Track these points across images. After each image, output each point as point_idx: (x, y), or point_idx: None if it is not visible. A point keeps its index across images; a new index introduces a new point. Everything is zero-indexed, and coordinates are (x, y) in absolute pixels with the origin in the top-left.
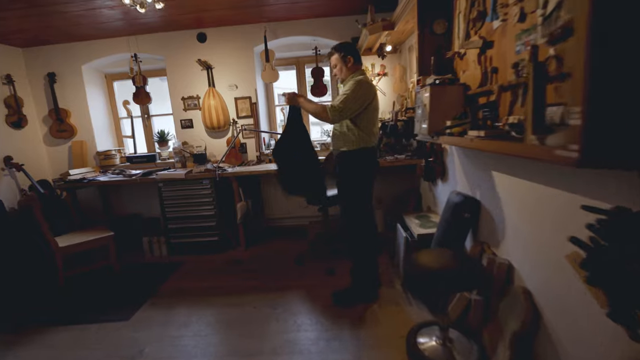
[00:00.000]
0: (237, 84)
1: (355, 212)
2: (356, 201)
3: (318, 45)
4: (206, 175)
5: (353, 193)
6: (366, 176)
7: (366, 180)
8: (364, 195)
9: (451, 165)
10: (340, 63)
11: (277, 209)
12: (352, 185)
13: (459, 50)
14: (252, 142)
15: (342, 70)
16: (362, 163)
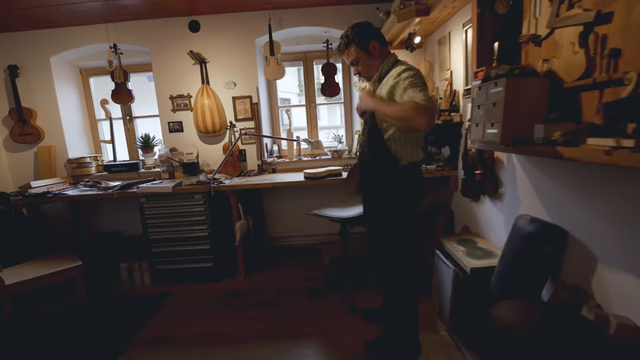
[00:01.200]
0: (235, 81)
1: (398, 245)
2: (400, 232)
3: (330, 38)
4: (199, 188)
5: (397, 222)
6: (415, 200)
7: (414, 206)
8: (409, 224)
9: (509, 180)
10: (362, 55)
11: (281, 226)
12: (397, 212)
13: (537, 33)
14: (252, 148)
15: (368, 64)
16: (412, 183)
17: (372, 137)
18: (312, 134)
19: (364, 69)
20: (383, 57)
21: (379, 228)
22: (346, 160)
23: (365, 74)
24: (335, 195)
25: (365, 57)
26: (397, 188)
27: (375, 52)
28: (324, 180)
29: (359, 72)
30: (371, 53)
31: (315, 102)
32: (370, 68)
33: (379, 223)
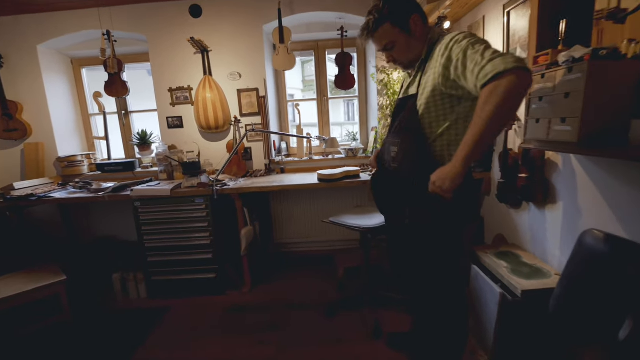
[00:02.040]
0: (240, 71)
1: (448, 268)
2: (452, 253)
3: (345, 25)
4: (200, 191)
5: (450, 240)
6: (471, 214)
7: (469, 221)
8: (462, 243)
9: (567, 187)
10: (400, 36)
11: (289, 232)
12: (451, 228)
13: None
14: (258, 146)
15: (408, 46)
16: (470, 193)
17: (414, 147)
18: (323, 131)
19: (402, 54)
20: (426, 35)
21: (424, 248)
22: (361, 160)
23: (404, 60)
24: (350, 198)
25: (404, 38)
26: (452, 202)
27: (417, 30)
28: (340, 183)
29: (394, 59)
30: (412, 32)
31: (327, 96)
32: (410, 52)
33: (425, 242)
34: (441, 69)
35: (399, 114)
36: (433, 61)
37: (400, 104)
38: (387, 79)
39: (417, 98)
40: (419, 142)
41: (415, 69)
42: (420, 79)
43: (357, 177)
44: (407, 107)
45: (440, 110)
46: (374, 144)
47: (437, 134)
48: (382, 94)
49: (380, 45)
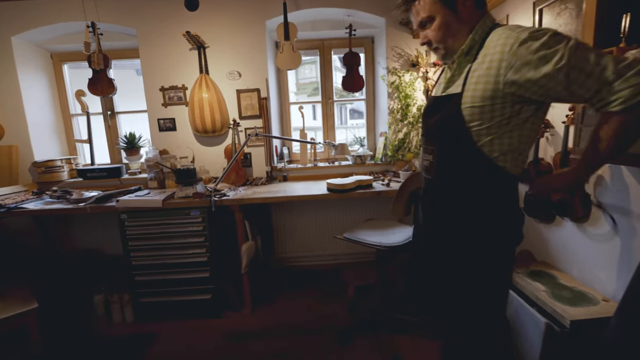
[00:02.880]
0: (240, 70)
1: (491, 301)
2: (498, 283)
3: (353, 23)
4: (196, 202)
5: (497, 267)
6: (519, 232)
7: (518, 240)
8: (510, 269)
9: (616, 202)
10: (443, 13)
11: (292, 245)
12: (499, 251)
13: None
14: (258, 151)
15: (450, 28)
16: (516, 207)
17: (454, 156)
18: (328, 135)
19: (439, 36)
20: (474, 21)
21: (465, 277)
22: (370, 167)
23: (440, 43)
24: (358, 210)
25: (449, 17)
26: (500, 218)
27: (464, 11)
28: (353, 193)
29: (429, 40)
30: (459, 12)
31: (333, 98)
32: (449, 35)
33: (467, 269)
34: (497, 64)
35: (434, 116)
36: (489, 55)
37: (435, 103)
38: (399, 81)
39: (461, 97)
40: (461, 150)
41: (457, 62)
42: (466, 75)
43: (369, 187)
44: (447, 108)
45: (497, 112)
46: (384, 150)
47: (485, 141)
48: (393, 97)
49: (417, 18)
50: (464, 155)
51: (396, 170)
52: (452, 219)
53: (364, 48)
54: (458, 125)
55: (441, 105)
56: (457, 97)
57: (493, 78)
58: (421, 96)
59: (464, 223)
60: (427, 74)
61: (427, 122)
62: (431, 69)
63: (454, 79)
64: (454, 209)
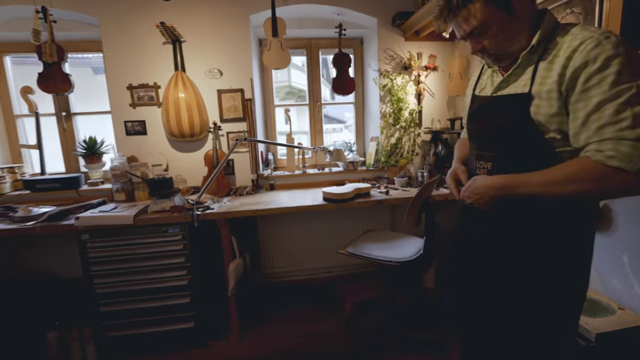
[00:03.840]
0: (221, 68)
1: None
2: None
3: (343, 22)
4: (174, 217)
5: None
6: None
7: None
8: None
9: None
10: (498, 17)
11: (281, 259)
12: (576, 276)
13: None
14: (242, 158)
15: (507, 32)
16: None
17: (522, 161)
18: (315, 140)
19: (498, 42)
20: (531, 16)
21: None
22: (362, 174)
23: (500, 49)
24: (354, 219)
25: (503, 20)
26: (581, 231)
27: (520, 10)
28: (352, 203)
29: (483, 48)
30: (514, 11)
31: (321, 101)
32: (509, 39)
33: (546, 292)
34: (572, 74)
35: (491, 118)
36: (559, 58)
37: (491, 104)
38: (391, 84)
39: (529, 98)
40: (533, 156)
41: (521, 59)
42: (533, 74)
43: (368, 196)
44: (510, 109)
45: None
46: (375, 155)
47: (561, 145)
48: (385, 100)
49: (467, 28)
50: (537, 162)
51: (389, 176)
52: (526, 235)
53: (353, 49)
54: (525, 126)
55: (500, 105)
56: (523, 97)
57: (558, 80)
58: (413, 100)
59: (543, 238)
60: (419, 77)
61: (482, 125)
62: (423, 72)
63: (515, 77)
64: (528, 223)
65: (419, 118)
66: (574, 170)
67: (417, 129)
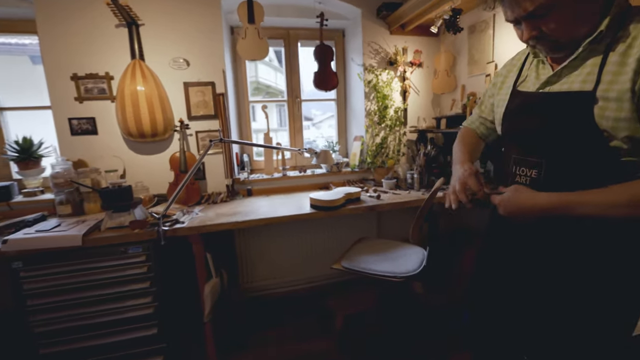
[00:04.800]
0: (188, 58)
1: None
2: None
3: (325, 11)
4: (136, 235)
5: None
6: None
7: None
8: None
9: None
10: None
11: (261, 272)
12: None
13: None
14: (215, 160)
15: (574, 11)
16: None
17: (581, 171)
18: (295, 140)
19: (561, 26)
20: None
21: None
22: (347, 176)
23: (562, 35)
24: (338, 225)
25: (573, 1)
26: None
27: None
28: (343, 210)
29: (542, 34)
30: None
31: (300, 97)
32: (575, 23)
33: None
34: None
35: (538, 118)
36: (635, 50)
37: (539, 101)
38: (376, 80)
39: (592, 98)
40: (596, 168)
41: (582, 49)
42: (600, 69)
43: (358, 201)
44: (567, 110)
45: None
46: (360, 156)
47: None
48: (370, 97)
49: (525, 8)
50: (596, 172)
51: (376, 178)
52: (587, 246)
53: (334, 42)
54: (590, 133)
55: (552, 104)
56: (584, 96)
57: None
58: (398, 97)
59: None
60: (404, 73)
61: (526, 125)
62: (409, 68)
63: (566, 71)
64: (590, 233)
65: (405, 116)
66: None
67: (403, 128)
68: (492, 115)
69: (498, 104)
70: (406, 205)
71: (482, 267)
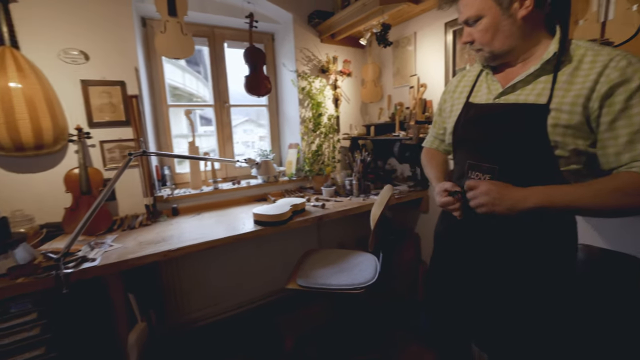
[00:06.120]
0: (86, 50)
1: None
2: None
3: (254, 12)
4: (20, 287)
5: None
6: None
7: None
8: None
9: None
10: (493, 12)
11: (194, 302)
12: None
13: (607, 38)
14: (128, 176)
15: (497, 27)
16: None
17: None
18: (224, 150)
19: (488, 38)
20: (533, 26)
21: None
22: (284, 185)
23: (488, 46)
24: (277, 237)
25: (498, 17)
26: (570, 245)
27: (522, 12)
28: (292, 223)
29: (474, 40)
30: (512, 12)
31: (229, 102)
32: (496, 38)
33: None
34: (596, 97)
35: (493, 127)
36: (580, 72)
37: (493, 111)
38: (309, 87)
39: (546, 110)
40: (539, 174)
41: (539, 67)
42: (553, 85)
43: (304, 212)
44: (520, 120)
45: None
46: (297, 164)
47: (571, 168)
48: (304, 104)
49: (461, 15)
50: (540, 180)
51: (315, 186)
52: (521, 245)
53: (264, 45)
54: (540, 141)
55: (508, 113)
56: (540, 108)
57: (582, 96)
58: (331, 105)
59: (537, 248)
60: (336, 82)
61: (481, 133)
62: (340, 77)
63: (521, 84)
64: (525, 236)
65: (337, 124)
66: (624, 185)
67: (336, 135)
68: None
69: (450, 116)
70: (350, 213)
71: (436, 269)
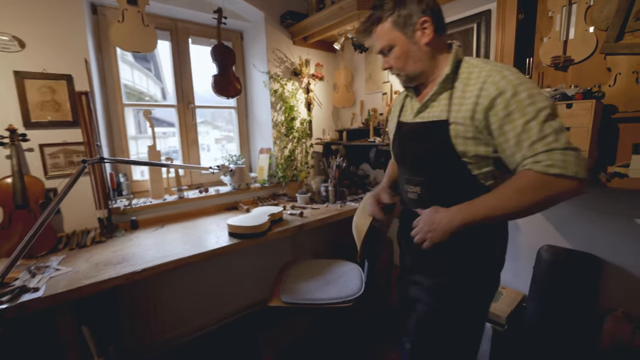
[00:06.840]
0: (22, 36)
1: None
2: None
3: (224, 8)
4: None
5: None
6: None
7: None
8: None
9: None
10: (401, 41)
11: (161, 324)
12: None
13: (568, 56)
14: (79, 184)
15: (407, 54)
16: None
17: (447, 190)
18: (189, 155)
19: (402, 64)
20: (436, 50)
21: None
22: (256, 192)
23: (403, 71)
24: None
25: (409, 44)
26: (493, 245)
27: (425, 39)
28: (271, 234)
29: (391, 66)
30: (418, 40)
31: (194, 103)
32: (409, 63)
33: (458, 297)
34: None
35: (418, 143)
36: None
37: (416, 129)
38: (282, 90)
39: (447, 124)
40: (457, 181)
41: (438, 87)
42: (450, 101)
43: (282, 221)
44: (436, 135)
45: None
46: (269, 170)
47: (481, 171)
48: (277, 108)
49: (378, 46)
50: (460, 187)
51: (289, 193)
52: (448, 249)
53: (232, 44)
54: (449, 153)
55: (423, 130)
56: (442, 123)
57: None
58: (303, 109)
59: (460, 252)
60: (309, 85)
61: (409, 150)
62: (312, 80)
63: (430, 103)
64: (452, 241)
65: (310, 128)
66: (522, 183)
67: (309, 140)
68: None
69: (389, 133)
70: (329, 221)
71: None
